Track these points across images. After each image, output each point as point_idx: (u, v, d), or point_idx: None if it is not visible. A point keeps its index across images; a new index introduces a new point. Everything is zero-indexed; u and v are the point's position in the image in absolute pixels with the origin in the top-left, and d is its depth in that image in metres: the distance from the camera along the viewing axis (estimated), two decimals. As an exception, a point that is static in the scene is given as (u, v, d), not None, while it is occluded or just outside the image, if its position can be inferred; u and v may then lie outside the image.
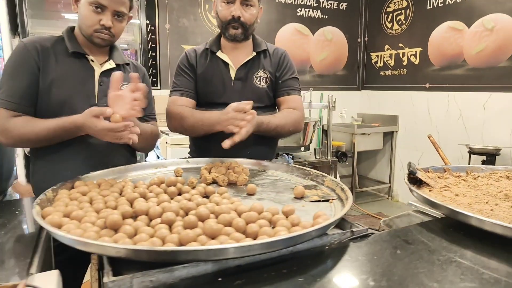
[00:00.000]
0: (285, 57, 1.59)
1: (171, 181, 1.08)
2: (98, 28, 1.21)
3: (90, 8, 1.19)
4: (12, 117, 1.15)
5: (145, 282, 0.63)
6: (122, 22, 1.28)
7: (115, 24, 1.25)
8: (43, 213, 0.83)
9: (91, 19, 1.20)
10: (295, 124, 1.52)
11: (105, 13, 1.21)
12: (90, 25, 1.21)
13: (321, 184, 1.15)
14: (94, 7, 1.19)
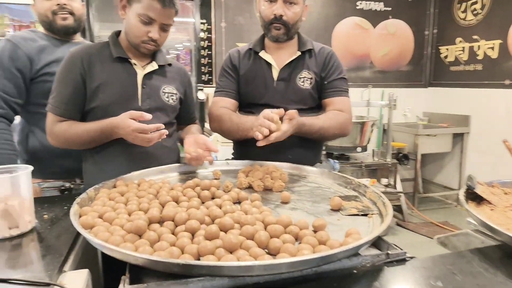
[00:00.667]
0: (331, 56, 1.50)
1: (206, 185, 1.08)
2: (146, 40, 1.25)
3: (139, 19, 1.21)
4: (58, 121, 1.24)
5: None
6: (167, 32, 1.31)
7: (161, 35, 1.28)
8: (81, 212, 0.88)
9: (139, 31, 1.23)
10: (341, 127, 1.44)
11: (153, 25, 1.23)
12: (138, 36, 1.24)
13: (362, 195, 1.06)
14: (143, 21, 1.22)
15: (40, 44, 1.49)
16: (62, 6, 1.45)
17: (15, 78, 1.43)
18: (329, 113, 1.44)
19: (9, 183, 0.89)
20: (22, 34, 1.51)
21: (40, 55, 1.47)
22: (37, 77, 1.46)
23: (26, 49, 1.45)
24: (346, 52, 4.12)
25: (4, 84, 1.41)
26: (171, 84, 1.39)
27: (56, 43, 1.52)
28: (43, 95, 1.41)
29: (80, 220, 0.81)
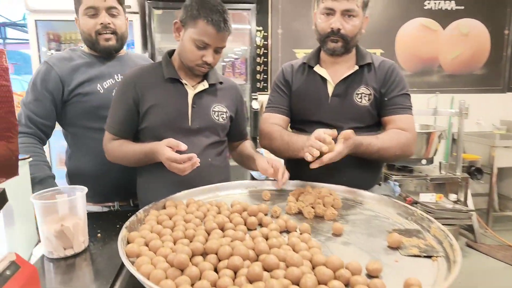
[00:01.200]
0: (393, 70, 1.38)
1: (253, 210, 1.04)
2: (200, 63, 1.25)
3: (194, 44, 1.21)
4: (112, 140, 1.30)
5: None
6: (220, 53, 1.30)
7: (215, 57, 1.28)
8: (128, 237, 0.89)
9: (193, 55, 1.24)
10: (403, 147, 1.32)
11: (208, 49, 1.22)
12: (193, 60, 1.25)
13: (426, 231, 0.95)
14: (198, 46, 1.22)
15: (76, 63, 1.44)
16: (105, 25, 1.40)
17: (45, 100, 1.40)
18: (390, 132, 1.33)
19: (67, 205, 0.92)
20: (59, 55, 1.49)
21: (73, 76, 1.42)
22: (70, 99, 1.42)
23: (59, 71, 1.41)
24: (411, 56, 3.86)
25: (34, 105, 1.40)
26: (221, 103, 1.38)
27: (96, 60, 1.48)
28: (78, 116, 1.43)
29: (126, 248, 0.81)
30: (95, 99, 1.42)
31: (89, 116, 1.43)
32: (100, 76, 1.45)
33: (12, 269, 0.63)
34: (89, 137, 1.44)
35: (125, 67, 1.49)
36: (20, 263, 0.65)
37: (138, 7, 2.74)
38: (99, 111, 1.41)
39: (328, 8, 1.29)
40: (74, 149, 1.51)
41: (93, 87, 1.43)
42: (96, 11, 1.39)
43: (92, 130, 1.43)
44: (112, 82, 1.46)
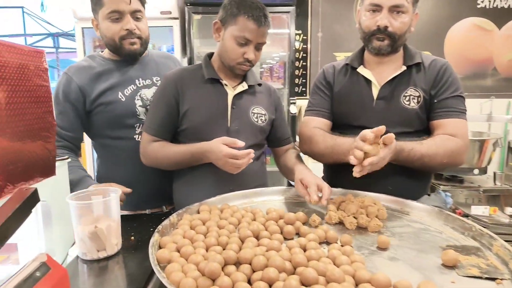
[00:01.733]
0: (445, 70, 1.27)
1: (290, 218, 0.98)
2: (242, 61, 1.24)
3: (235, 41, 1.21)
4: (152, 141, 1.27)
5: None
6: (260, 50, 1.29)
7: (256, 54, 1.26)
8: (160, 242, 0.86)
9: (235, 53, 1.22)
10: (452, 155, 1.19)
11: (249, 46, 1.22)
12: (234, 58, 1.23)
13: (486, 249, 0.84)
14: (239, 42, 1.21)
15: (96, 72, 1.38)
16: (131, 31, 1.33)
17: (68, 113, 1.35)
18: (437, 137, 1.21)
19: (102, 206, 0.92)
20: (78, 64, 1.42)
21: (94, 85, 1.36)
22: (93, 109, 1.37)
23: (79, 81, 1.35)
24: (462, 58, 3.62)
25: (59, 119, 1.34)
26: (260, 105, 1.35)
27: (116, 66, 1.41)
28: (103, 126, 1.39)
29: (157, 253, 0.78)
30: (118, 108, 1.37)
31: (113, 125, 1.38)
32: (121, 83, 1.39)
33: (42, 271, 0.61)
34: (116, 146, 1.41)
35: (147, 70, 1.45)
36: (51, 265, 0.63)
37: (178, 13, 2.78)
38: (122, 120, 1.38)
39: (375, 4, 1.20)
40: (103, 159, 1.48)
41: (115, 96, 1.37)
42: (121, 15, 1.31)
43: (118, 139, 1.40)
44: (134, 88, 1.40)
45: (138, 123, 1.39)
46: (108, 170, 1.46)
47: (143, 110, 1.40)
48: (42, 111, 0.80)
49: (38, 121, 0.79)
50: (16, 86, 0.74)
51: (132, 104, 1.38)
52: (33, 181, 0.78)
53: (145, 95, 1.41)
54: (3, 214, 0.53)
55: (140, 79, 1.42)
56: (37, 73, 0.80)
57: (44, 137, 0.81)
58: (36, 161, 0.78)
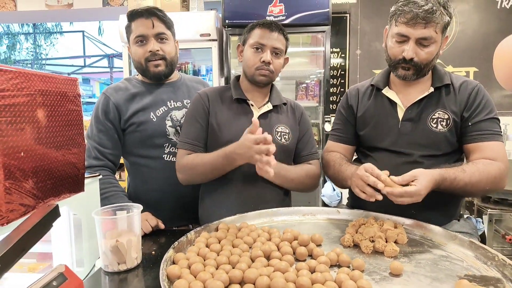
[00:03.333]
0: (478, 92, 1.22)
1: (304, 240, 0.98)
2: (259, 66, 1.30)
3: (252, 50, 1.31)
4: (186, 155, 1.32)
5: None
6: (279, 59, 1.35)
7: (274, 60, 1.32)
8: (174, 258, 0.90)
9: (253, 59, 1.31)
10: (495, 180, 1.13)
11: (265, 51, 1.30)
12: (252, 64, 1.31)
13: (508, 280, 0.79)
14: (255, 49, 1.31)
15: (131, 93, 1.47)
16: (154, 52, 1.41)
17: (108, 131, 1.42)
18: (478, 163, 1.15)
19: (124, 221, 0.98)
20: (115, 85, 1.51)
21: (128, 105, 1.44)
22: (127, 128, 1.44)
23: (115, 101, 1.43)
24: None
25: (100, 137, 1.42)
26: (284, 123, 1.38)
27: (149, 88, 1.50)
28: (134, 145, 1.45)
29: (168, 268, 0.82)
30: (149, 128, 1.43)
31: (144, 144, 1.44)
32: (153, 104, 1.46)
33: (59, 280, 0.68)
34: (145, 165, 1.46)
35: (178, 93, 1.52)
36: (68, 275, 0.70)
37: (216, 35, 2.90)
38: (153, 140, 1.44)
39: (402, 34, 1.17)
40: (133, 178, 1.53)
41: (147, 116, 1.44)
42: (145, 38, 1.41)
43: (148, 158, 1.45)
44: (165, 109, 1.47)
45: (168, 142, 1.46)
46: (138, 188, 1.51)
47: (173, 131, 1.47)
48: (73, 133, 0.89)
49: (69, 142, 0.87)
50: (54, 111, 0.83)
51: (162, 124, 1.45)
52: (61, 197, 0.86)
53: (175, 116, 1.48)
54: (24, 227, 0.60)
55: (172, 101, 1.50)
56: (71, 99, 0.89)
57: (73, 157, 0.89)
58: (65, 179, 0.86)
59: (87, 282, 0.92)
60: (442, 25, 1.15)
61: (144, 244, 1.14)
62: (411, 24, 1.14)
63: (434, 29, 1.14)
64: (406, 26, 1.15)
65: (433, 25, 1.13)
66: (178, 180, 1.36)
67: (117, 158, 1.49)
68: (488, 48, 3.42)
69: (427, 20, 1.12)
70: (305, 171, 1.37)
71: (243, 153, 1.16)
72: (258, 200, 1.30)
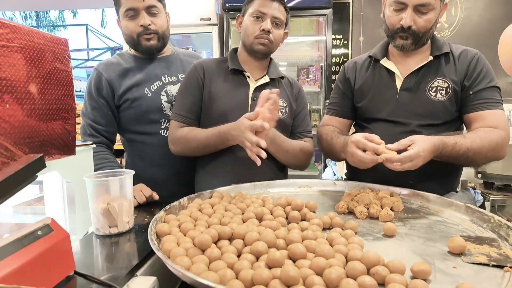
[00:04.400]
0: (478, 60, 1.20)
1: (297, 204, 0.97)
2: (258, 34, 1.28)
3: (252, 19, 1.28)
4: (180, 127, 1.31)
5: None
6: (279, 29, 1.32)
7: (274, 30, 1.29)
8: (165, 219, 0.89)
9: (252, 28, 1.28)
10: (496, 147, 1.11)
11: (265, 20, 1.28)
12: (252, 33, 1.28)
13: (503, 240, 0.77)
14: (255, 17, 1.28)
15: (124, 68, 1.43)
16: (146, 27, 1.37)
17: (102, 107, 1.40)
18: (479, 130, 1.14)
19: (116, 185, 0.97)
20: (107, 60, 1.48)
21: (121, 81, 1.41)
22: (121, 104, 1.42)
23: (108, 76, 1.40)
24: (518, 60, 3.35)
25: (94, 115, 1.40)
26: (281, 97, 1.36)
27: (143, 63, 1.46)
28: (129, 122, 1.43)
29: (158, 226, 0.81)
30: (144, 103, 1.41)
31: (139, 120, 1.42)
32: (147, 79, 1.43)
33: (44, 231, 0.67)
34: (142, 141, 1.44)
35: (172, 68, 1.49)
36: (54, 228, 0.69)
37: (217, 19, 2.89)
38: (148, 115, 1.41)
39: (400, 1, 1.15)
40: (130, 155, 1.50)
41: (141, 92, 1.41)
42: (136, 12, 1.36)
43: (144, 134, 1.43)
44: (160, 84, 1.44)
45: (164, 118, 1.44)
46: (135, 165, 1.47)
47: (169, 106, 1.45)
48: (62, 93, 0.88)
49: (57, 102, 0.86)
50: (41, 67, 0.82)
51: (158, 99, 1.43)
52: (51, 157, 0.86)
53: (170, 91, 1.46)
54: (6, 172, 0.59)
55: (166, 75, 1.47)
56: (59, 59, 0.88)
57: (63, 118, 0.88)
58: (53, 139, 0.86)
59: (78, 244, 0.91)
60: None
61: (138, 215, 1.14)
62: None
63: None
64: None
65: None
66: (174, 155, 1.35)
67: (113, 135, 1.47)
68: (494, 34, 3.36)
69: None
70: (300, 146, 1.35)
71: (236, 136, 1.16)
72: (253, 173, 1.29)
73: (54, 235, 0.68)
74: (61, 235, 0.69)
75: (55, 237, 0.68)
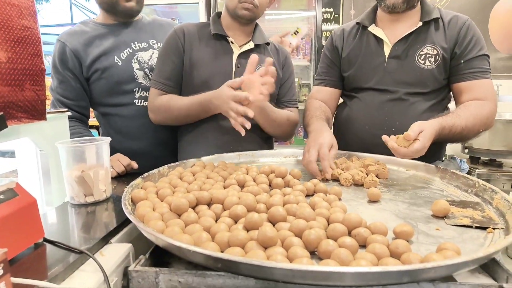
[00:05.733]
0: (468, 28, 1.16)
1: (281, 172, 0.94)
2: None
3: None
4: (159, 95, 1.26)
5: (173, 282, 0.53)
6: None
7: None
8: (143, 185, 0.86)
9: None
10: (487, 122, 1.12)
11: None
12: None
13: (487, 203, 0.76)
14: None
15: (90, 36, 1.33)
16: None
17: (70, 81, 1.31)
18: (470, 105, 1.12)
19: (91, 151, 0.93)
20: (71, 30, 1.36)
21: (88, 50, 1.31)
22: (91, 76, 1.33)
23: (72, 46, 1.30)
24: (508, 36, 3.33)
25: (62, 89, 1.31)
26: None
27: (110, 30, 1.36)
28: (101, 94, 1.34)
29: (133, 192, 0.78)
30: (115, 73, 1.32)
31: (112, 92, 1.34)
32: (116, 47, 1.33)
33: (8, 195, 0.63)
34: (116, 113, 1.36)
35: (141, 33, 1.40)
36: (19, 192, 0.65)
37: (203, -9, 2.78)
38: (121, 86, 1.33)
39: None
40: (105, 129, 1.42)
41: (111, 61, 1.32)
42: None
43: (118, 106, 1.35)
44: (130, 52, 1.35)
45: (137, 87, 1.36)
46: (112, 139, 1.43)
47: (142, 74, 1.36)
48: (28, 53, 0.82)
49: (23, 61, 0.80)
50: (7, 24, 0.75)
51: (129, 68, 1.34)
52: (19, 121, 0.81)
53: (142, 58, 1.37)
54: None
55: (136, 42, 1.37)
56: (24, 15, 0.82)
57: (31, 79, 0.83)
58: (20, 101, 0.80)
59: (52, 213, 0.88)
60: None
61: (117, 185, 1.10)
62: None
63: None
64: None
65: None
66: (153, 125, 1.30)
67: (85, 109, 1.38)
68: (485, 9, 3.32)
69: None
70: (287, 116, 1.31)
71: (219, 105, 1.10)
72: (237, 143, 1.25)
73: (19, 200, 0.64)
74: (27, 200, 0.65)
75: (20, 201, 0.64)
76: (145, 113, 1.31)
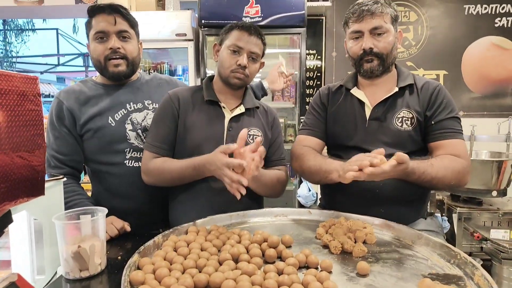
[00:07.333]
0: (439, 92, 1.26)
1: (273, 242, 0.98)
2: (235, 68, 1.28)
3: (229, 51, 1.28)
4: (153, 158, 1.29)
5: None
6: (255, 63, 1.33)
7: (250, 65, 1.30)
8: (139, 262, 0.87)
9: (229, 61, 1.28)
10: (459, 176, 1.18)
11: (242, 54, 1.28)
12: (228, 67, 1.29)
13: (469, 278, 0.81)
14: (232, 51, 1.28)
15: (86, 96, 1.38)
16: (115, 50, 1.32)
17: (65, 137, 1.35)
18: (444, 158, 1.19)
19: (87, 226, 0.95)
20: (69, 88, 1.42)
21: (83, 109, 1.35)
22: (83, 134, 1.37)
23: (68, 105, 1.35)
24: (480, 77, 3.54)
25: (57, 145, 1.35)
26: (256, 126, 1.37)
27: (107, 90, 1.41)
28: (93, 152, 1.38)
29: (131, 274, 0.80)
30: (107, 133, 1.36)
31: (103, 151, 1.37)
32: (111, 107, 1.38)
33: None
34: (107, 172, 1.39)
35: (138, 94, 1.44)
36: (21, 285, 0.66)
37: (192, 35, 2.87)
38: (112, 146, 1.36)
39: (355, 31, 1.26)
40: (95, 185, 1.45)
41: (104, 121, 1.36)
42: (106, 35, 1.31)
43: (109, 164, 1.38)
44: (124, 112, 1.39)
45: (129, 147, 1.38)
46: (101, 195, 1.43)
47: (134, 134, 1.39)
48: (31, 134, 0.84)
49: (27, 143, 0.83)
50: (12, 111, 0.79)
51: (122, 129, 1.38)
52: (18, 202, 0.82)
53: (135, 119, 1.40)
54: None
55: (131, 103, 1.41)
56: (31, 99, 0.85)
57: (33, 159, 0.85)
58: (22, 182, 0.82)
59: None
60: (390, 16, 1.24)
61: (110, 249, 1.11)
62: (360, 19, 1.23)
63: (382, 19, 1.22)
64: (356, 23, 1.24)
65: (379, 15, 1.21)
66: (143, 185, 1.32)
67: (79, 164, 1.41)
68: (457, 52, 3.54)
69: (372, 11, 1.21)
70: (277, 177, 1.36)
71: (213, 170, 1.15)
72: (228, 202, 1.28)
73: (21, 294, 0.65)
74: (29, 292, 0.66)
75: (22, 296, 0.65)
76: (136, 173, 1.34)
